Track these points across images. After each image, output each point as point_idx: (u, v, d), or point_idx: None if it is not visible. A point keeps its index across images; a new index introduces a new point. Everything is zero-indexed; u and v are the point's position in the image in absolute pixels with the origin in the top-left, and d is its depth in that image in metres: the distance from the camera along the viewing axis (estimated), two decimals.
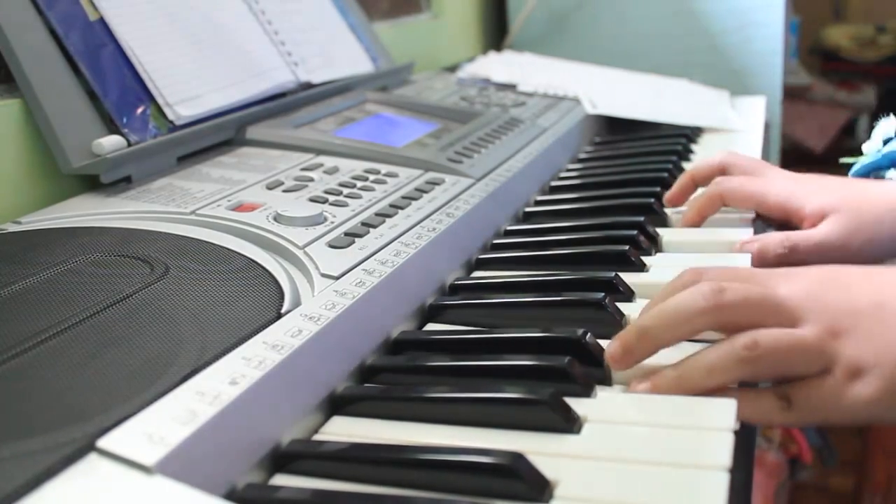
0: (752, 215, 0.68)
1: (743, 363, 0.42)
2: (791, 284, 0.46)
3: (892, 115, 0.68)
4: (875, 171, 0.68)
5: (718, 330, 0.45)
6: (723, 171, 0.71)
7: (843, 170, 0.72)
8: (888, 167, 0.67)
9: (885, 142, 0.68)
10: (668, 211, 0.72)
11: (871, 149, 0.69)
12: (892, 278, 0.46)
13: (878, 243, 0.60)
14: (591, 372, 0.46)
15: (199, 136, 0.72)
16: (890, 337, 0.42)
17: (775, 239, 0.61)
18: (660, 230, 0.67)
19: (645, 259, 0.61)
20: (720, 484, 0.35)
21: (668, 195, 0.73)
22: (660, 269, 0.59)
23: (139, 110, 0.68)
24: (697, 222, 0.68)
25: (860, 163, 0.69)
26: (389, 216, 0.60)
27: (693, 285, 0.45)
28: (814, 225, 0.63)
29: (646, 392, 0.44)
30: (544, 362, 0.45)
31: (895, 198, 0.62)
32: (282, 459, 0.40)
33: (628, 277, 0.57)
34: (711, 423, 0.40)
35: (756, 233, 0.65)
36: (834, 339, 0.42)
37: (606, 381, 0.46)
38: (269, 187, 0.64)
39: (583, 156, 0.95)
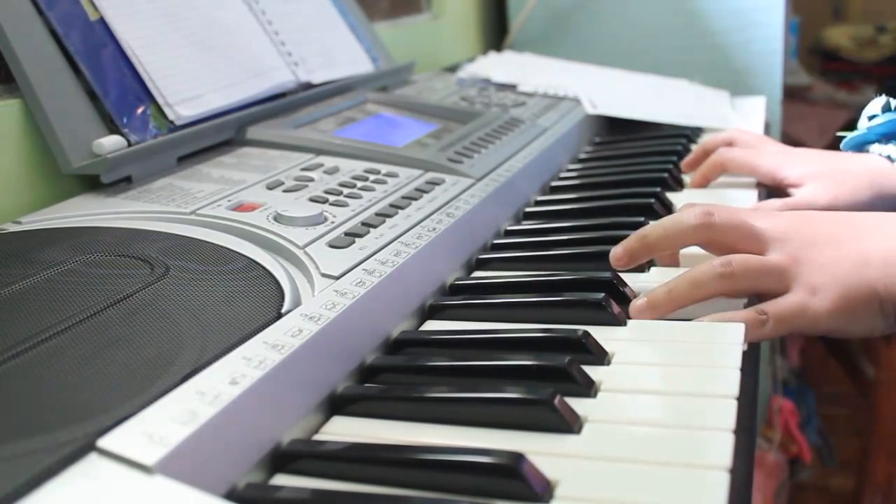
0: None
1: (720, 278, 0.52)
2: (770, 220, 0.56)
3: (883, 96, 0.73)
4: (863, 144, 0.75)
5: (704, 246, 0.56)
6: (730, 144, 0.83)
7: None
8: (874, 141, 0.73)
9: (871, 118, 0.73)
10: (669, 211, 0.72)
11: (861, 127, 0.74)
12: (850, 220, 0.56)
13: (856, 210, 0.66)
14: (592, 361, 0.46)
15: (200, 136, 0.72)
16: (842, 266, 0.52)
17: (774, 205, 0.71)
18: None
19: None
20: (720, 484, 0.35)
21: (684, 162, 0.85)
22: (660, 269, 0.60)
23: (139, 110, 0.68)
24: (702, 184, 0.81)
25: (849, 136, 0.75)
26: (389, 216, 0.60)
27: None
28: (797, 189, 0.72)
29: (643, 308, 0.52)
30: (544, 362, 0.45)
31: (869, 169, 0.71)
32: (282, 459, 0.40)
33: (628, 277, 0.57)
34: (712, 422, 0.40)
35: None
36: (797, 265, 0.52)
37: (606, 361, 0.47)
38: (270, 187, 0.63)
39: (583, 156, 0.95)
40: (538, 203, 0.78)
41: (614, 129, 1.06)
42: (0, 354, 0.39)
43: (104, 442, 0.34)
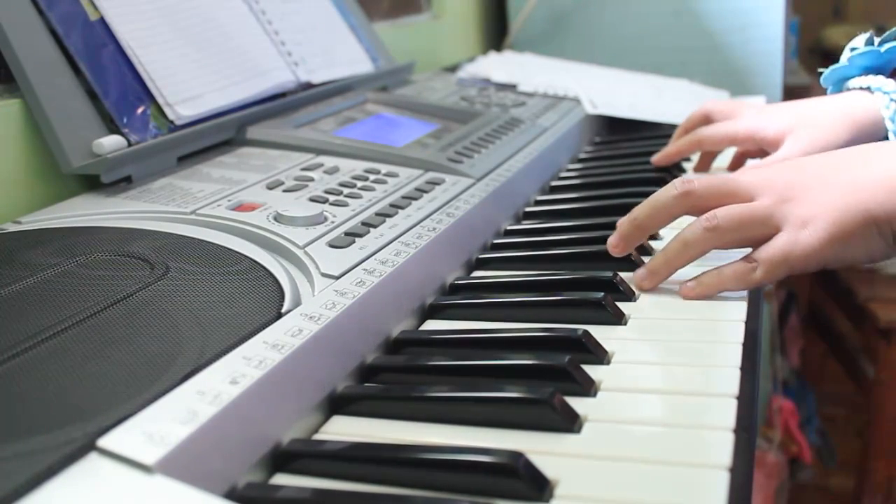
0: None
1: (707, 233, 0.52)
2: (755, 173, 0.56)
3: (868, 33, 0.72)
4: (844, 80, 0.74)
5: (692, 213, 0.55)
6: (707, 117, 0.82)
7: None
8: (856, 75, 0.72)
9: (853, 51, 0.72)
10: None
11: (843, 59, 0.73)
12: (839, 154, 0.56)
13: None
14: (592, 360, 0.47)
15: (200, 136, 0.72)
16: (831, 194, 0.51)
17: (750, 166, 0.72)
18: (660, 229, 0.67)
19: (645, 259, 0.61)
20: (720, 483, 0.35)
21: (662, 152, 0.84)
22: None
23: (139, 110, 0.68)
24: (673, 159, 0.82)
25: (829, 69, 0.75)
26: (390, 216, 0.60)
27: None
28: (778, 147, 0.71)
29: (644, 276, 0.55)
30: (544, 361, 0.45)
31: (846, 107, 0.69)
32: (282, 459, 0.40)
33: (628, 277, 0.57)
34: (712, 422, 0.40)
35: None
36: (782, 204, 0.52)
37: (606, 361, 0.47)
38: (270, 187, 0.63)
39: (583, 156, 0.95)
40: (538, 203, 0.78)
41: (614, 129, 1.06)
42: (0, 354, 0.39)
43: (104, 442, 0.34)
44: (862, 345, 1.69)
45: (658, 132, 1.00)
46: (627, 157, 0.92)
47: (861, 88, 0.71)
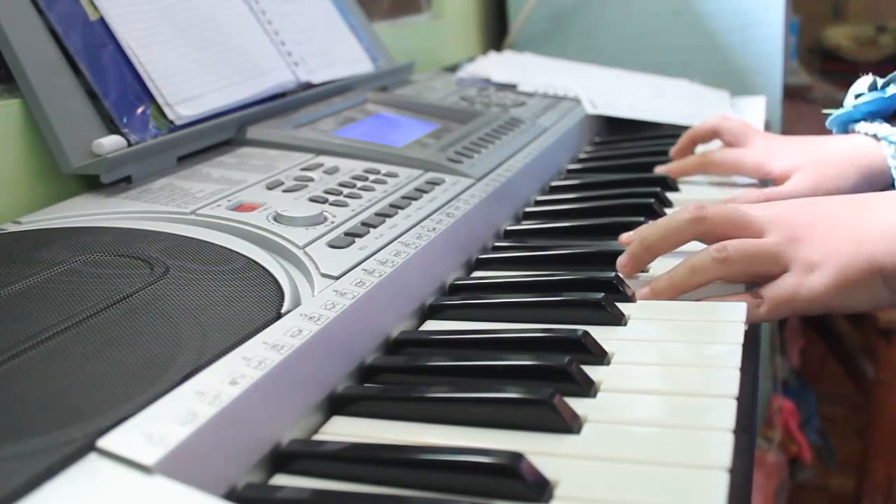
0: None
1: (716, 263, 0.53)
2: (766, 208, 0.57)
3: (869, 75, 0.73)
4: (849, 123, 0.74)
5: (702, 239, 0.56)
6: (716, 132, 0.83)
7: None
8: (860, 119, 0.73)
9: (857, 97, 0.73)
10: (668, 210, 0.72)
11: (847, 105, 0.74)
12: (848, 199, 0.57)
13: (842, 193, 0.66)
14: (592, 361, 0.47)
15: (199, 136, 0.72)
16: (839, 240, 0.52)
17: (750, 196, 0.72)
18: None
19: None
20: (720, 484, 0.35)
21: (672, 151, 0.85)
22: (660, 269, 0.59)
23: (139, 110, 0.68)
24: (677, 175, 0.81)
25: (835, 114, 0.75)
26: (389, 216, 0.60)
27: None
28: (782, 183, 0.72)
29: (646, 294, 0.55)
30: (544, 362, 0.45)
31: (854, 151, 0.70)
32: (282, 459, 0.40)
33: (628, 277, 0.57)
34: (712, 422, 0.40)
35: None
36: (792, 244, 0.53)
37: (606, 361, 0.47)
38: (269, 187, 0.63)
39: (583, 156, 0.95)
40: (538, 203, 0.78)
41: (614, 129, 1.06)
42: (0, 354, 0.39)
43: (104, 442, 0.34)
44: (862, 345, 1.69)
45: (658, 132, 1.00)
46: (627, 157, 0.92)
47: (866, 134, 0.71)
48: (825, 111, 0.76)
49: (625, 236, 0.62)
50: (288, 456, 0.40)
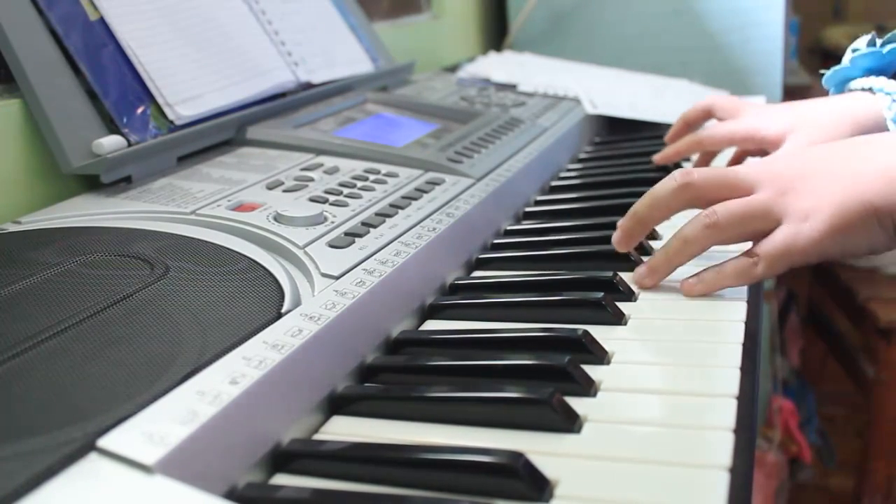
0: None
1: (707, 229, 0.52)
2: (755, 165, 0.56)
3: (870, 34, 0.72)
4: (846, 81, 0.73)
5: (692, 205, 0.55)
6: (709, 111, 0.82)
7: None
8: (858, 76, 0.72)
9: (854, 51, 0.72)
10: None
11: (845, 60, 0.73)
12: (836, 149, 0.55)
13: None
14: (592, 360, 0.47)
15: (200, 136, 0.72)
16: (832, 186, 0.51)
17: (747, 164, 0.71)
18: (659, 229, 0.67)
19: (645, 259, 0.61)
20: (720, 484, 0.35)
21: (666, 136, 0.85)
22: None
23: (139, 110, 0.68)
24: (674, 159, 0.82)
25: (832, 70, 0.74)
26: (389, 216, 0.60)
27: None
28: (778, 147, 0.71)
29: (645, 274, 0.55)
30: (544, 362, 0.45)
31: (848, 108, 0.69)
32: (282, 459, 0.40)
33: (628, 277, 0.57)
34: (712, 422, 0.40)
35: None
36: (784, 197, 0.51)
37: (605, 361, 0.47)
38: (270, 187, 0.63)
39: (583, 156, 0.95)
40: (538, 203, 0.78)
41: (614, 129, 1.06)
42: (0, 354, 0.39)
43: (104, 442, 0.34)
44: (862, 345, 1.69)
45: (658, 132, 1.00)
46: (627, 157, 0.92)
47: (863, 89, 0.70)
48: (821, 70, 0.75)
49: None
50: (288, 455, 0.40)
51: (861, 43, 0.71)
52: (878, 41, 0.71)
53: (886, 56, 0.70)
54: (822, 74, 0.75)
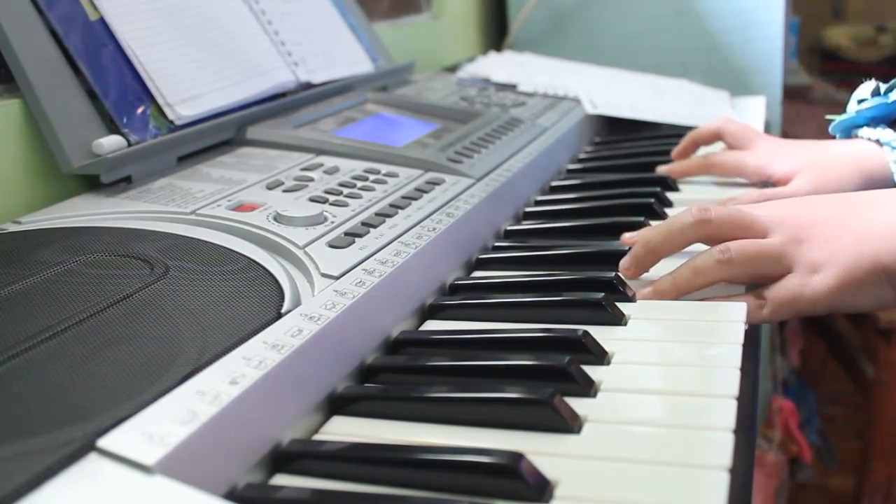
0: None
1: (719, 265, 0.53)
2: (769, 208, 0.56)
3: (872, 80, 0.73)
4: (852, 128, 0.74)
5: (706, 241, 0.56)
6: (719, 135, 0.83)
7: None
8: (863, 125, 0.73)
9: (860, 102, 0.73)
10: (668, 210, 0.72)
11: (850, 110, 0.74)
12: (851, 197, 0.57)
13: None
14: (592, 361, 0.47)
15: (200, 136, 0.72)
16: (843, 240, 0.52)
17: (751, 196, 0.71)
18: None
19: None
20: (720, 484, 0.35)
21: (673, 152, 0.85)
22: (660, 269, 0.59)
23: (139, 110, 0.68)
24: (680, 176, 0.81)
25: (838, 119, 0.75)
26: (389, 216, 0.60)
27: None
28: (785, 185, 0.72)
29: (649, 294, 0.54)
30: (544, 362, 0.45)
31: (856, 156, 0.70)
32: (282, 459, 0.40)
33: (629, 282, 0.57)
34: (712, 422, 0.40)
35: None
36: (796, 245, 0.53)
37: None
38: (270, 187, 0.63)
39: (583, 156, 0.95)
40: (538, 203, 0.78)
41: (614, 129, 1.06)
42: (0, 354, 0.39)
43: (104, 442, 0.34)
44: (862, 345, 1.69)
45: (658, 132, 1.00)
46: (627, 157, 0.92)
47: (869, 140, 0.71)
48: (828, 117, 0.76)
49: (627, 236, 0.61)
50: (288, 456, 0.40)
51: (865, 91, 0.72)
52: (883, 87, 0.71)
53: (892, 105, 0.71)
54: (830, 121, 0.76)
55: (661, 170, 0.82)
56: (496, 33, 1.56)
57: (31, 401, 0.37)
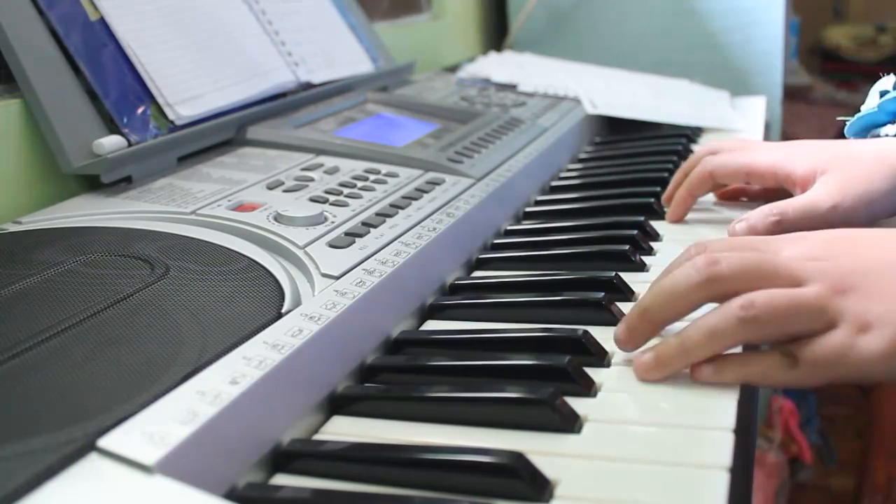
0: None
1: (741, 323, 0.41)
2: (794, 248, 0.45)
3: (892, 75, 0.65)
4: (872, 128, 0.65)
5: (719, 301, 0.44)
6: (712, 175, 0.68)
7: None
8: (885, 123, 0.64)
9: (882, 95, 0.65)
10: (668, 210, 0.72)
11: (869, 106, 0.65)
12: None
13: (870, 201, 0.58)
14: (592, 361, 0.46)
15: (200, 136, 0.72)
16: None
17: (762, 212, 0.59)
18: (660, 229, 0.67)
19: (645, 259, 0.61)
20: (720, 484, 0.35)
21: (665, 195, 0.72)
22: (660, 269, 0.59)
23: (139, 110, 0.68)
24: (689, 202, 0.69)
25: (856, 117, 0.66)
26: (390, 216, 0.60)
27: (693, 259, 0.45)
28: (805, 188, 0.61)
29: (651, 366, 0.44)
30: (544, 362, 0.45)
31: (885, 153, 0.59)
32: (282, 459, 0.40)
33: (628, 277, 0.57)
34: (712, 422, 0.40)
35: None
36: (839, 297, 0.41)
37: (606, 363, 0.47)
38: (270, 187, 0.64)
39: (583, 156, 0.95)
40: (538, 203, 0.78)
41: (614, 129, 1.06)
42: (0, 354, 0.39)
43: (104, 442, 0.34)
44: None
45: (658, 132, 1.00)
46: (627, 157, 0.92)
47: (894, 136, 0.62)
48: (840, 118, 0.68)
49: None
50: (288, 455, 0.40)
51: (887, 83, 0.64)
52: None
53: None
54: (844, 122, 0.67)
55: (669, 219, 0.70)
56: (496, 33, 1.56)
57: (32, 401, 0.37)
